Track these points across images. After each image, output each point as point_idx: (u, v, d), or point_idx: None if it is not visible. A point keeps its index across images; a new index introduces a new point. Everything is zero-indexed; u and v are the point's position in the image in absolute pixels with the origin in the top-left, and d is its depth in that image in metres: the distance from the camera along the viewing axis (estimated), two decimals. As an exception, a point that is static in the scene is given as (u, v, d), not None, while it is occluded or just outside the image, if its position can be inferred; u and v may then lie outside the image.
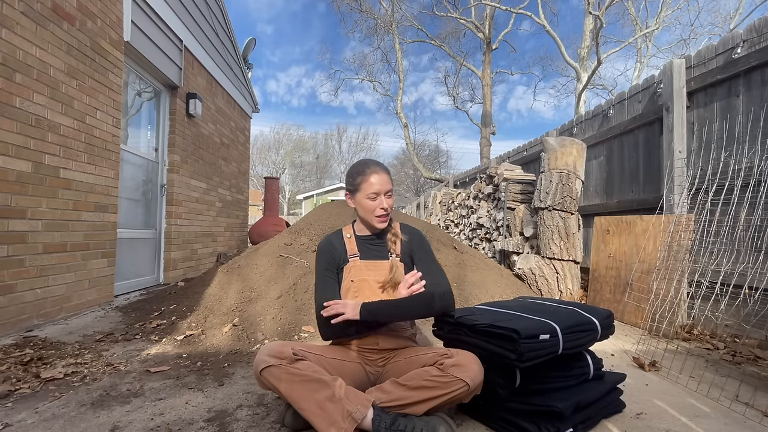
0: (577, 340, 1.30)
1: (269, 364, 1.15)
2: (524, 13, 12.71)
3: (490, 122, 13.62)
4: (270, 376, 1.15)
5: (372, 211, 1.40)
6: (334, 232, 1.55)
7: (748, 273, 2.13)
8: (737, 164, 2.33)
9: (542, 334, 1.20)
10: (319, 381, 1.14)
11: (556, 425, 1.18)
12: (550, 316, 1.34)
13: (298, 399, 1.13)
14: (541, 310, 1.44)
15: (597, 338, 1.38)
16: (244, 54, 6.83)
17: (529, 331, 1.19)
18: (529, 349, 1.17)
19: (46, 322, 2.46)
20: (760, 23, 2.44)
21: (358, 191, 1.42)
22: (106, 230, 3.06)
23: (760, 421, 1.36)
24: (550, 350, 1.22)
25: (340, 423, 1.08)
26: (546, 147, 3.52)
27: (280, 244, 3.12)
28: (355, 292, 1.41)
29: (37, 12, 2.41)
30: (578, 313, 1.42)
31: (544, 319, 1.30)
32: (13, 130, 2.25)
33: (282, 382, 1.14)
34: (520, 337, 1.16)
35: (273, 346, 1.21)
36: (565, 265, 3.33)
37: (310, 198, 27.32)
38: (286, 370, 1.15)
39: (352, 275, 1.43)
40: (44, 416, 1.34)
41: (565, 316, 1.37)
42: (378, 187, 1.39)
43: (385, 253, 1.47)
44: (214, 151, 5.27)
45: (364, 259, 1.45)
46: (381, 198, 1.40)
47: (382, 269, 1.44)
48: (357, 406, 1.12)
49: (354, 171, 1.45)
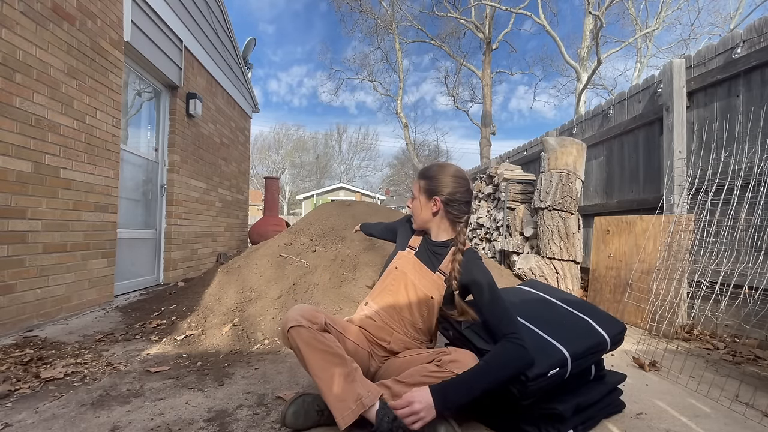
0: (585, 362, 1.27)
1: (300, 324, 1.17)
2: (524, 13, 12.71)
3: (490, 122, 13.61)
4: (297, 336, 1.17)
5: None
6: (406, 217, 1.64)
7: (748, 273, 2.13)
8: (737, 164, 2.33)
9: (551, 369, 1.16)
10: (341, 357, 1.16)
11: (556, 427, 1.18)
12: (562, 331, 1.27)
13: (316, 366, 1.14)
14: (551, 318, 1.37)
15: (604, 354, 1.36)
16: (244, 54, 6.83)
17: (538, 369, 1.13)
18: (536, 387, 1.14)
19: (46, 322, 2.46)
20: (760, 23, 2.44)
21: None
22: (106, 230, 3.06)
23: (760, 421, 1.36)
24: (557, 381, 1.19)
25: (349, 403, 1.10)
26: (546, 147, 3.52)
27: (280, 244, 3.12)
28: (393, 279, 1.44)
29: (37, 12, 2.41)
30: (592, 329, 1.34)
31: (555, 343, 1.22)
32: (13, 130, 2.25)
33: (307, 346, 1.16)
34: (528, 379, 1.12)
35: (306, 308, 1.24)
36: (565, 265, 3.33)
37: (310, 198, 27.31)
38: (315, 335, 1.17)
39: (398, 263, 1.47)
40: (44, 416, 1.34)
41: (577, 333, 1.30)
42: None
43: (437, 264, 1.43)
44: (214, 151, 5.27)
45: (418, 256, 1.47)
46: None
47: (425, 276, 1.42)
48: (368, 393, 1.13)
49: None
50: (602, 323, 1.39)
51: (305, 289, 2.58)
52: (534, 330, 1.30)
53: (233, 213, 6.07)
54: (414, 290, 1.40)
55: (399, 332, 1.40)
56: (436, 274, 1.41)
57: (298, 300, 2.51)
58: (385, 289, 1.45)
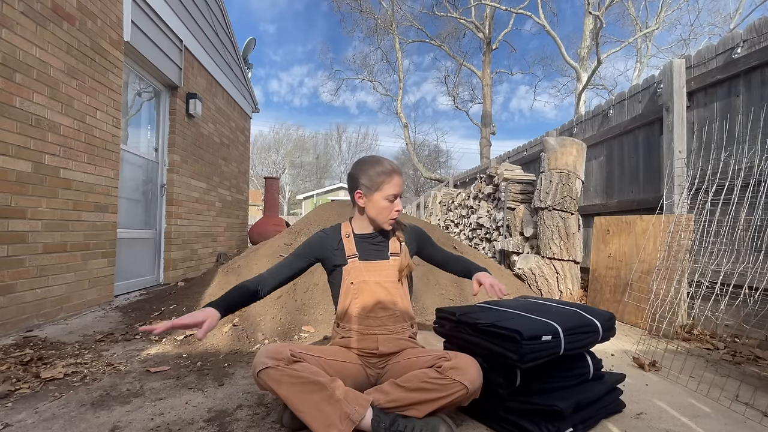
0: (579, 342, 1.30)
1: (266, 365, 1.14)
2: (524, 13, 12.71)
3: (490, 122, 13.61)
4: (267, 377, 1.14)
5: (388, 212, 1.40)
6: (331, 228, 1.52)
7: (748, 273, 2.13)
8: (737, 164, 2.33)
9: (544, 335, 1.20)
10: (316, 383, 1.13)
11: (556, 425, 1.18)
12: (551, 316, 1.34)
13: (295, 401, 1.12)
14: (542, 310, 1.44)
15: (598, 340, 1.37)
16: (244, 54, 6.83)
17: (532, 332, 1.18)
18: (531, 350, 1.16)
19: (46, 322, 2.46)
20: (760, 23, 2.44)
21: (377, 191, 1.39)
22: (106, 230, 3.06)
23: (760, 421, 1.36)
24: (552, 351, 1.21)
25: (337, 425, 1.07)
26: (546, 147, 3.52)
27: (280, 244, 3.12)
28: (354, 293, 1.39)
29: (37, 12, 2.41)
30: (580, 314, 1.41)
31: (546, 320, 1.29)
32: (13, 130, 2.25)
33: (279, 384, 1.13)
34: (523, 338, 1.15)
35: (271, 348, 1.20)
36: (565, 265, 3.33)
37: (310, 198, 27.33)
38: (284, 371, 1.14)
39: (351, 277, 1.41)
40: (44, 416, 1.34)
41: (566, 317, 1.36)
42: (398, 189, 1.40)
43: (386, 252, 1.46)
44: (214, 151, 5.27)
45: (363, 259, 1.43)
46: (398, 200, 1.41)
47: (382, 269, 1.43)
48: (355, 407, 1.11)
49: (376, 170, 1.39)
50: (589, 311, 1.45)
51: (305, 289, 2.58)
52: (525, 314, 1.36)
53: (233, 213, 6.07)
54: (382, 288, 1.40)
55: (383, 333, 1.38)
56: (390, 259, 1.44)
57: (298, 300, 2.51)
58: (351, 306, 1.40)
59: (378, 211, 1.40)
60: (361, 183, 1.41)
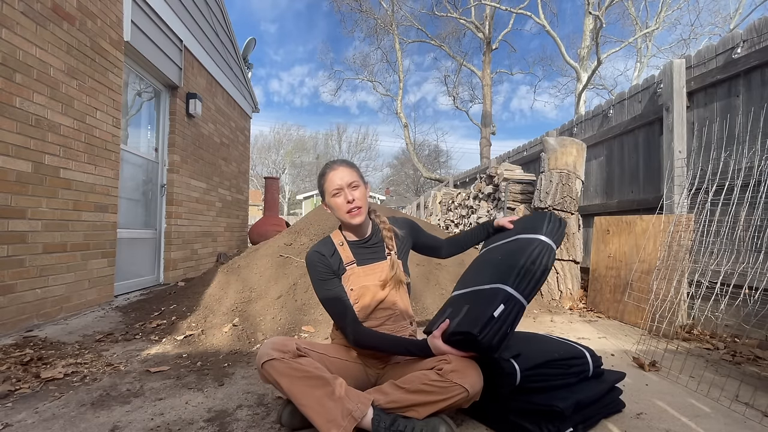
0: (534, 272, 1.24)
1: (272, 357, 1.14)
2: (524, 13, 12.70)
3: (490, 122, 13.61)
4: (272, 369, 1.14)
5: (341, 208, 1.36)
6: (320, 242, 1.45)
7: (748, 273, 2.13)
8: (737, 164, 2.33)
9: (496, 310, 1.15)
10: (320, 378, 1.14)
11: (556, 425, 1.18)
12: (495, 272, 1.28)
13: (299, 395, 1.12)
14: (484, 267, 1.39)
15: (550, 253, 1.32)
16: (244, 54, 6.83)
17: (483, 317, 1.14)
18: (492, 335, 1.13)
19: (46, 322, 2.46)
20: (760, 23, 2.44)
21: (325, 194, 1.40)
22: (106, 230, 3.06)
23: (760, 421, 1.36)
24: (513, 317, 1.18)
25: (339, 421, 1.08)
26: (546, 147, 3.52)
27: (280, 244, 3.12)
28: (355, 300, 1.38)
29: (37, 12, 2.41)
30: (530, 241, 1.35)
31: (492, 286, 1.23)
32: (13, 130, 2.25)
33: (283, 377, 1.13)
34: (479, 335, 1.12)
35: (277, 340, 1.21)
36: (565, 265, 3.33)
37: (310, 198, 27.32)
38: (289, 364, 1.14)
39: (351, 283, 1.39)
40: (44, 416, 1.34)
41: (514, 260, 1.29)
42: (339, 182, 1.35)
43: (382, 253, 1.45)
44: (214, 151, 5.27)
45: (361, 264, 1.41)
46: (345, 192, 1.35)
47: (381, 270, 1.42)
48: (357, 404, 1.11)
49: (318, 177, 1.43)
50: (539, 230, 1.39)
51: (305, 289, 2.58)
52: (467, 291, 1.34)
53: (233, 213, 6.07)
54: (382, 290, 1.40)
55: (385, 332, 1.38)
56: (386, 260, 1.43)
57: (298, 300, 2.51)
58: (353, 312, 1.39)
59: (337, 212, 1.39)
60: (320, 195, 1.46)
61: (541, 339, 1.55)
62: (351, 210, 1.36)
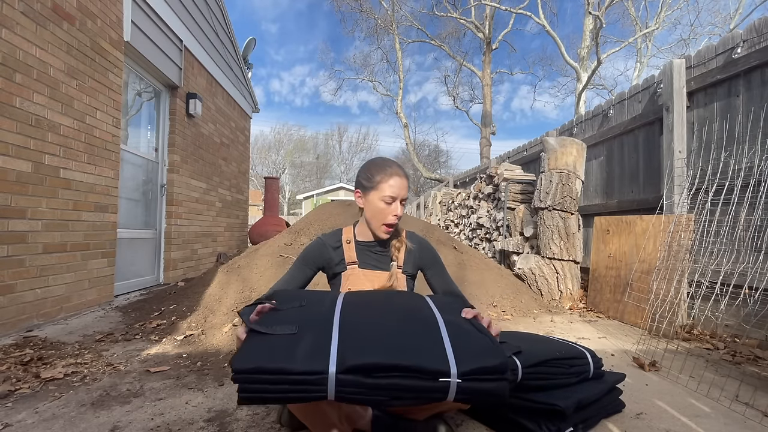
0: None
1: None
2: (524, 13, 12.70)
3: (490, 122, 13.61)
4: None
5: (383, 215, 1.31)
6: (331, 232, 1.44)
7: (748, 273, 2.13)
8: (737, 164, 2.33)
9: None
10: None
11: (557, 424, 1.18)
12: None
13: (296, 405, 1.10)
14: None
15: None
16: (244, 54, 6.83)
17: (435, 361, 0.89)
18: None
19: (46, 322, 2.46)
20: (760, 23, 2.44)
21: (374, 190, 1.31)
22: (106, 230, 3.06)
23: (760, 421, 1.36)
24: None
25: (337, 424, 1.07)
26: (546, 147, 3.52)
27: (280, 244, 3.12)
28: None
29: (37, 12, 2.41)
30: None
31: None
32: (13, 130, 2.25)
33: None
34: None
35: None
36: (565, 265, 3.33)
37: (310, 198, 27.31)
38: None
39: (350, 284, 1.36)
40: (44, 416, 1.34)
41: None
42: (397, 191, 1.29)
43: (387, 262, 1.40)
44: (214, 151, 5.27)
45: (363, 267, 1.37)
46: (396, 204, 1.31)
47: (381, 279, 1.37)
48: (355, 407, 1.11)
49: (374, 167, 1.33)
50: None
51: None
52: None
53: (233, 213, 6.07)
54: None
55: None
56: (392, 267, 1.38)
57: (298, 300, 2.51)
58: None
59: (373, 213, 1.32)
60: (360, 181, 1.37)
61: (542, 339, 1.55)
62: (391, 224, 1.32)
